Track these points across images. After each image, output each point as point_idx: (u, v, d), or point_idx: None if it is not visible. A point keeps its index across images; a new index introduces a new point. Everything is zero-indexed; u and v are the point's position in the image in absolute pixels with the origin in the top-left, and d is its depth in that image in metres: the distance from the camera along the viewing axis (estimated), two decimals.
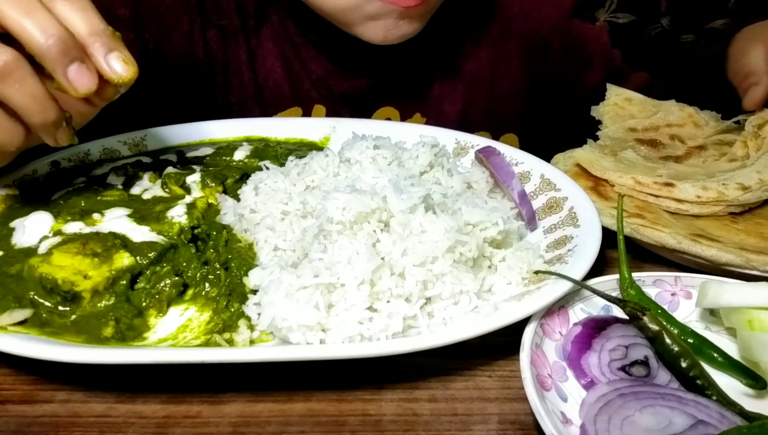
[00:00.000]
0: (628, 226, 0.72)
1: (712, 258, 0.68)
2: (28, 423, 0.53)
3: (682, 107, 0.97)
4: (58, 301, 0.60)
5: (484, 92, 1.10)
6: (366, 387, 0.56)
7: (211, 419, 0.53)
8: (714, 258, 0.68)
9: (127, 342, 0.58)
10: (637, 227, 0.72)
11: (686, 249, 0.70)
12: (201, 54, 1.02)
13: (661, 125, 0.94)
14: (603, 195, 0.80)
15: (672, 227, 0.72)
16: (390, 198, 0.63)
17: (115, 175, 0.79)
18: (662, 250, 0.72)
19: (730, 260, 0.68)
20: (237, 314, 0.61)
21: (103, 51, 0.59)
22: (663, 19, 1.85)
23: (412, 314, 0.58)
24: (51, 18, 0.56)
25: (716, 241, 0.71)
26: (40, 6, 0.56)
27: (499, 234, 0.65)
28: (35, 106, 0.58)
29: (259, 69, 1.05)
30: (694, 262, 0.71)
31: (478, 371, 0.59)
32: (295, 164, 0.77)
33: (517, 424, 0.53)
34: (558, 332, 0.59)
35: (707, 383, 0.52)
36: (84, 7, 0.59)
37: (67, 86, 0.58)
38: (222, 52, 1.03)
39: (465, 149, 0.88)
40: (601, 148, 0.89)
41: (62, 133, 0.62)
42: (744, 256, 0.67)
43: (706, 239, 0.71)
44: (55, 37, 0.55)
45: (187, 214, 0.70)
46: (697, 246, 0.69)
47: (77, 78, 0.58)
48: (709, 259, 0.69)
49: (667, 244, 0.71)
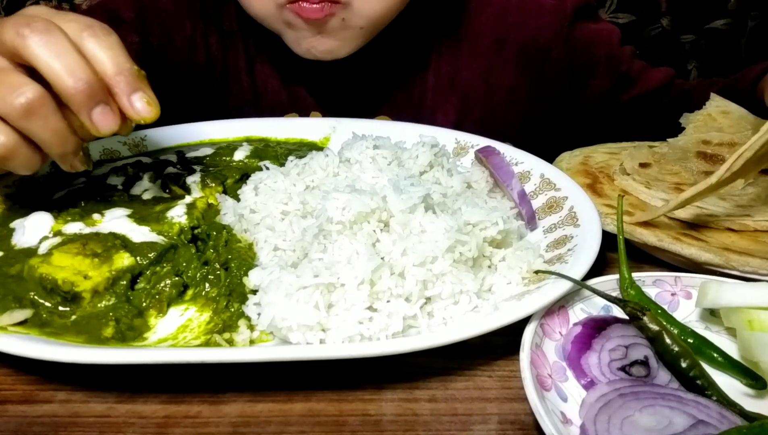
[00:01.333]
0: (612, 223, 0.71)
1: (692, 256, 0.68)
2: (28, 423, 0.53)
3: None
4: (58, 301, 0.60)
5: (478, 103, 1.09)
6: (366, 387, 0.56)
7: (211, 419, 0.53)
8: (693, 256, 0.68)
9: (128, 342, 0.58)
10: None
11: (666, 247, 0.69)
12: (202, 58, 1.03)
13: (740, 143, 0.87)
14: (598, 192, 0.80)
15: (659, 226, 0.72)
16: (390, 198, 0.63)
17: (115, 175, 0.79)
18: (653, 249, 0.72)
19: (709, 259, 0.67)
20: (237, 314, 0.61)
21: (127, 91, 0.60)
22: (663, 19, 1.85)
23: (412, 314, 0.58)
24: (79, 60, 0.57)
25: (701, 241, 0.70)
26: (70, 47, 0.57)
27: (499, 234, 0.65)
28: (56, 140, 0.60)
29: (258, 75, 1.06)
30: (682, 263, 0.70)
31: (478, 371, 0.59)
32: (295, 164, 0.77)
33: (517, 424, 0.53)
34: (558, 332, 0.59)
35: (707, 383, 0.52)
36: (112, 45, 0.60)
37: (90, 127, 0.60)
38: (222, 58, 1.05)
39: (465, 149, 0.88)
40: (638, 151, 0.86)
41: (78, 161, 0.64)
42: (724, 256, 0.67)
43: (689, 238, 0.70)
44: (82, 81, 0.57)
45: (187, 215, 0.70)
46: (677, 244, 0.69)
47: (101, 120, 0.60)
48: (689, 258, 0.68)
49: (648, 241, 0.70)
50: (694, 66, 1.91)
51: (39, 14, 0.60)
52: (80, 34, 0.59)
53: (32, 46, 0.56)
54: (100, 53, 0.59)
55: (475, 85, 1.08)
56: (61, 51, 0.57)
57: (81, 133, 0.62)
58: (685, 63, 1.91)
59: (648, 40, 1.86)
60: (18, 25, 0.57)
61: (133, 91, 0.61)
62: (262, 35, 1.03)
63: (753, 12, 1.86)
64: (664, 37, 1.87)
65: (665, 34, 1.87)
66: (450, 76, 1.08)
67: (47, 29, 0.57)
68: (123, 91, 0.60)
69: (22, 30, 0.56)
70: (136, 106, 0.61)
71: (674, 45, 1.88)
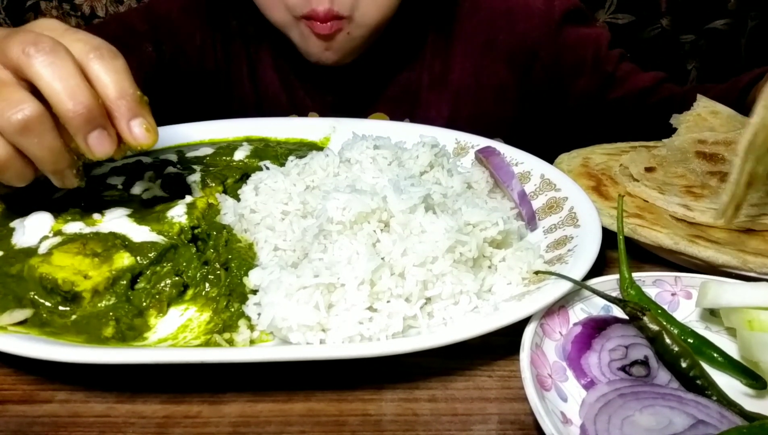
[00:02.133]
0: (627, 225, 0.72)
1: (709, 259, 0.68)
2: (28, 423, 0.53)
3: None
4: (58, 301, 0.60)
5: (470, 101, 1.14)
6: (366, 387, 0.56)
7: (211, 419, 0.53)
8: (711, 259, 0.68)
9: (128, 342, 0.58)
10: (635, 227, 0.72)
11: (683, 250, 0.69)
12: (211, 66, 1.10)
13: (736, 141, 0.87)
14: (604, 194, 0.79)
15: (671, 228, 0.72)
16: (390, 198, 0.63)
17: (115, 175, 0.79)
18: (661, 250, 0.72)
19: (726, 261, 0.67)
20: (237, 314, 0.61)
21: (128, 116, 0.61)
22: (663, 20, 1.86)
23: (412, 314, 0.58)
24: (81, 83, 0.58)
25: (715, 242, 0.70)
26: (74, 70, 0.58)
27: (499, 234, 0.65)
28: (50, 157, 0.60)
29: (259, 81, 1.13)
30: (693, 264, 0.71)
31: (478, 371, 0.59)
32: (295, 164, 0.77)
33: (517, 424, 0.53)
34: (558, 332, 0.59)
35: (707, 383, 0.52)
36: (117, 69, 0.60)
37: (86, 150, 0.60)
38: (226, 65, 1.11)
39: (465, 149, 0.88)
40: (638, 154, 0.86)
41: (71, 178, 0.64)
42: (741, 258, 0.67)
43: (703, 241, 0.70)
44: (82, 105, 0.57)
45: (187, 214, 0.70)
46: (693, 247, 0.69)
47: (96, 144, 0.60)
48: (706, 260, 0.68)
49: (664, 244, 0.70)
50: (694, 66, 1.92)
51: (48, 29, 0.60)
52: (87, 55, 0.59)
53: (36, 65, 0.56)
54: (105, 76, 0.59)
55: (466, 84, 1.13)
56: (64, 73, 0.57)
57: (76, 151, 0.62)
58: (684, 63, 1.91)
59: (648, 40, 1.87)
60: (25, 43, 0.57)
61: (133, 116, 0.61)
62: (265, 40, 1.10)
63: (753, 12, 1.86)
64: (664, 37, 1.87)
65: (665, 34, 1.87)
66: (443, 74, 1.12)
67: (53, 50, 0.57)
68: (123, 116, 0.60)
69: (28, 48, 0.57)
70: (135, 132, 0.61)
71: (674, 45, 1.88)
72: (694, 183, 0.82)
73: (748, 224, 0.73)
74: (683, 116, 0.95)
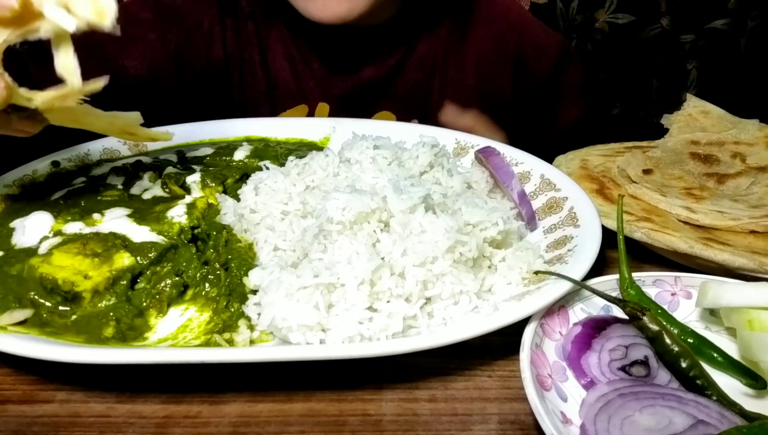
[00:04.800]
0: (638, 230, 0.72)
1: (725, 262, 0.68)
2: (28, 423, 0.53)
3: (762, 127, 0.93)
4: (58, 301, 0.60)
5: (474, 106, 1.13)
6: (366, 387, 0.56)
7: (211, 419, 0.53)
8: (727, 262, 0.67)
9: (128, 342, 0.58)
10: (648, 232, 0.71)
11: (698, 253, 0.69)
12: (220, 54, 1.07)
13: (728, 141, 0.90)
14: (609, 198, 0.79)
15: (681, 231, 0.72)
16: (390, 198, 0.63)
17: (115, 175, 0.79)
18: (671, 253, 0.72)
19: (743, 264, 0.67)
20: (237, 314, 0.61)
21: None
22: (663, 20, 1.85)
23: (412, 314, 0.58)
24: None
25: (726, 244, 0.70)
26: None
27: (499, 234, 0.65)
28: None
29: (271, 68, 1.10)
30: (704, 266, 0.70)
31: (478, 371, 0.59)
32: (295, 164, 0.77)
33: (517, 424, 0.53)
34: (558, 332, 0.59)
35: (707, 383, 0.52)
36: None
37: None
38: (238, 53, 1.09)
39: (465, 149, 0.88)
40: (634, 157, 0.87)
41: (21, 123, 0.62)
42: (757, 260, 0.67)
43: (716, 243, 0.70)
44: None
45: (187, 214, 0.71)
46: (709, 250, 0.68)
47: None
48: (722, 263, 0.68)
49: (678, 248, 0.70)
50: (694, 66, 1.91)
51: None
52: None
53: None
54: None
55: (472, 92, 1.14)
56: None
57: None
58: (684, 63, 1.91)
59: (648, 40, 1.86)
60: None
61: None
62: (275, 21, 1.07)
63: (753, 12, 1.86)
64: (664, 37, 1.87)
65: (665, 34, 1.87)
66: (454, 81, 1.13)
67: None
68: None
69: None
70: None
71: (674, 45, 1.88)
72: (692, 185, 0.82)
73: (751, 226, 0.73)
74: (674, 116, 0.96)
